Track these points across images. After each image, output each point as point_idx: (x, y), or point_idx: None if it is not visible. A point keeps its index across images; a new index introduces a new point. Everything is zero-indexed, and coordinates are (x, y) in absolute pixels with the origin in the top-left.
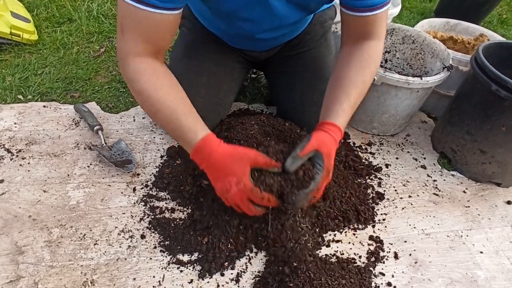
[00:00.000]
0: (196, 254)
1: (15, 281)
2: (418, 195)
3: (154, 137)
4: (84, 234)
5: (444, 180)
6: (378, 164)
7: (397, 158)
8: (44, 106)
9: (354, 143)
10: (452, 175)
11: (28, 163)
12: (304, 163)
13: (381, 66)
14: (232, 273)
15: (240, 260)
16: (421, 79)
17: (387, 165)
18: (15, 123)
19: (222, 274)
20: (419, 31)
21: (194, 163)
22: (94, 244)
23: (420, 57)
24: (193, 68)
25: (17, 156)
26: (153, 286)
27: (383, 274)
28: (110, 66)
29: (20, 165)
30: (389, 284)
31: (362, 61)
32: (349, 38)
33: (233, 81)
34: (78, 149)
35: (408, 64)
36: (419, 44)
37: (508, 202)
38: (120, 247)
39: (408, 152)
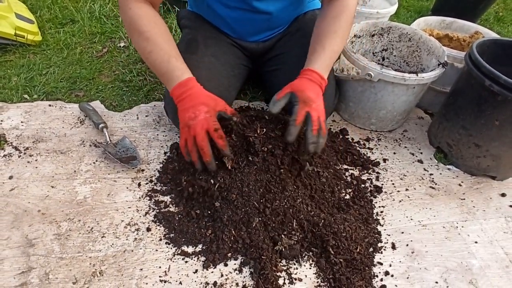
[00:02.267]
0: (200, 246)
1: (26, 272)
2: (415, 188)
3: (158, 134)
4: (92, 228)
5: (440, 173)
6: (376, 159)
7: (394, 153)
8: (50, 105)
9: (352, 139)
10: (448, 169)
11: (36, 160)
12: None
13: (379, 63)
14: (235, 264)
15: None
16: (417, 75)
17: (384, 160)
18: (22, 122)
19: (226, 265)
20: (415, 29)
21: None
22: (102, 237)
23: (416, 54)
24: (193, 62)
25: (24, 153)
26: (159, 276)
27: (381, 264)
28: (113, 66)
29: (28, 162)
30: (386, 273)
31: (335, 13)
32: None
33: (234, 77)
34: (84, 146)
35: (405, 62)
36: (415, 41)
37: (503, 195)
38: (126, 239)
39: (405, 147)
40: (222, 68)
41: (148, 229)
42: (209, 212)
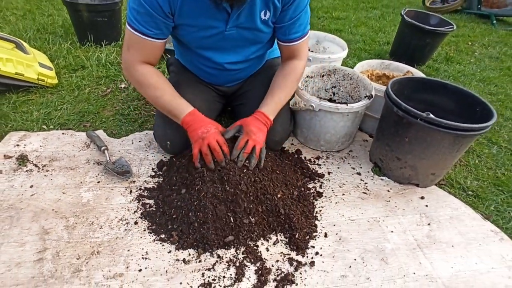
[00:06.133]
0: (174, 235)
1: (42, 251)
2: (350, 194)
3: (147, 155)
4: (93, 222)
5: (374, 183)
6: (322, 172)
7: (338, 168)
8: (63, 133)
9: (305, 157)
10: (382, 179)
11: (51, 174)
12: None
13: (327, 99)
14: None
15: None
16: (347, 105)
17: (329, 173)
18: (40, 146)
19: (192, 249)
20: (354, 70)
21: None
22: (100, 228)
23: (356, 90)
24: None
25: (42, 169)
26: (142, 255)
27: (313, 247)
28: (114, 103)
29: (45, 175)
30: (317, 253)
31: (286, 72)
32: (282, 58)
33: (210, 110)
34: (89, 164)
35: (350, 96)
36: (355, 80)
37: (422, 198)
38: (118, 230)
39: (349, 163)
40: (201, 103)
41: (136, 223)
42: (180, 212)
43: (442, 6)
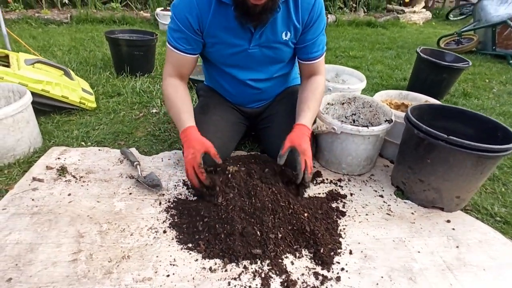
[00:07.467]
0: (201, 244)
1: (77, 253)
2: (373, 214)
3: (176, 172)
4: (124, 229)
5: (397, 205)
6: (344, 193)
7: (360, 190)
8: (99, 150)
9: (327, 179)
10: (405, 202)
11: (87, 184)
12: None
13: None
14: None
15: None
16: (368, 128)
17: (351, 194)
18: (79, 160)
19: (219, 258)
20: (372, 98)
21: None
22: (131, 235)
23: (376, 117)
24: (205, 119)
25: (79, 180)
26: (170, 261)
27: (339, 263)
28: (146, 125)
29: (82, 185)
30: (342, 269)
31: (313, 87)
32: (304, 76)
33: (234, 131)
34: (122, 177)
35: (370, 122)
36: (374, 107)
37: (448, 221)
38: (148, 237)
39: (371, 186)
40: (226, 124)
41: (164, 232)
42: (208, 223)
43: (456, 47)
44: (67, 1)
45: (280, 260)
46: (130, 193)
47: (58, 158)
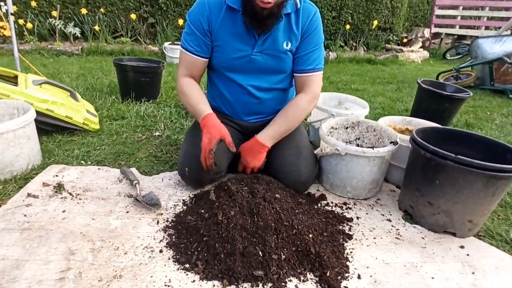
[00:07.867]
0: (199, 265)
1: (66, 271)
2: (382, 238)
3: (176, 192)
4: (118, 247)
5: (406, 229)
6: (350, 217)
7: (367, 213)
8: (99, 168)
9: (332, 202)
10: (414, 227)
11: (83, 202)
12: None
13: (354, 144)
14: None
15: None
16: (373, 149)
17: (358, 217)
18: (77, 178)
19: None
20: (377, 122)
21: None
22: (125, 253)
23: (381, 140)
24: (197, 133)
25: (76, 197)
26: (165, 282)
27: (347, 287)
28: (148, 147)
29: (77, 203)
30: None
31: (289, 104)
32: (296, 92)
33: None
34: (120, 196)
35: (374, 147)
36: (379, 131)
37: (461, 247)
38: (143, 256)
39: (377, 210)
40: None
41: (160, 251)
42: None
43: (455, 82)
44: (79, 34)
45: (283, 284)
46: (127, 212)
47: (56, 176)
